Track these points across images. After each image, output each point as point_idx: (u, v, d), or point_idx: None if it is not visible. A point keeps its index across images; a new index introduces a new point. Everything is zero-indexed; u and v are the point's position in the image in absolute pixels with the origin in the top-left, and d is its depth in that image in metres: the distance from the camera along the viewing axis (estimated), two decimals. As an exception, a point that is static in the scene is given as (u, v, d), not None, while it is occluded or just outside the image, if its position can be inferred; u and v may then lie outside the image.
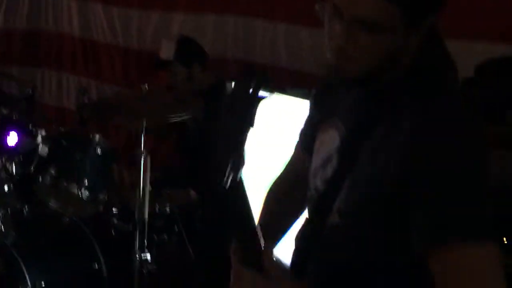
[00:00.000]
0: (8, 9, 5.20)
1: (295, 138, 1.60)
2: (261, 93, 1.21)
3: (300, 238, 1.43)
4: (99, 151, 3.18)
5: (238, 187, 1.21)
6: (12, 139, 3.16)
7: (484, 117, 1.26)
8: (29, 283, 2.79)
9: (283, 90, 2.71)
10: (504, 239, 2.05)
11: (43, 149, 3.10)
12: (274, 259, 1.28)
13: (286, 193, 1.62)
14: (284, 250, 1.37)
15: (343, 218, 1.31)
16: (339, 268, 1.34)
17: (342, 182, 1.32)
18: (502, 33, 2.68)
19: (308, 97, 1.55)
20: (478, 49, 2.70)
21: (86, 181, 3.10)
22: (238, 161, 1.19)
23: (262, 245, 1.26)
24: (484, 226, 1.17)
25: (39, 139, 3.14)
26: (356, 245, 1.31)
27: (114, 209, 3.23)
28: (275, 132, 2.78)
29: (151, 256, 2.99)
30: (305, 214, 1.48)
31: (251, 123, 1.20)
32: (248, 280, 1.25)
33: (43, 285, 2.85)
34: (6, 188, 3.00)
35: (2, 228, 2.89)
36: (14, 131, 3.18)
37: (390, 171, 1.23)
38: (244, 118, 1.20)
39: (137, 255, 2.96)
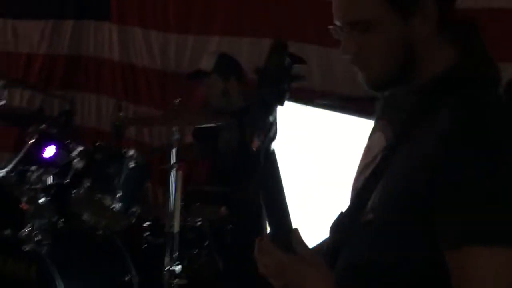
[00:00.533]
0: (52, 35, 5.37)
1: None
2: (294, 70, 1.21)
3: (335, 231, 1.43)
4: (133, 165, 3.25)
5: (271, 162, 1.24)
6: (49, 152, 3.26)
7: None
8: (61, 292, 2.83)
9: (311, 101, 2.75)
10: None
11: (78, 162, 3.19)
12: (303, 241, 1.30)
13: None
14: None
15: (376, 215, 1.31)
16: (366, 263, 1.33)
17: (380, 180, 1.32)
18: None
19: (336, 109, 1.56)
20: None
21: (119, 193, 3.17)
22: (269, 133, 1.22)
23: (292, 226, 1.28)
24: (509, 232, 1.16)
25: (75, 152, 3.23)
26: (385, 242, 1.30)
27: (146, 223, 3.28)
28: (302, 143, 2.81)
29: (181, 269, 3.02)
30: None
31: (282, 99, 1.20)
32: (277, 259, 1.27)
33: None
34: (42, 199, 3.08)
35: (38, 237, 2.95)
36: (52, 144, 3.28)
37: (422, 168, 1.22)
38: (277, 92, 1.20)
39: (167, 268, 3.00)
